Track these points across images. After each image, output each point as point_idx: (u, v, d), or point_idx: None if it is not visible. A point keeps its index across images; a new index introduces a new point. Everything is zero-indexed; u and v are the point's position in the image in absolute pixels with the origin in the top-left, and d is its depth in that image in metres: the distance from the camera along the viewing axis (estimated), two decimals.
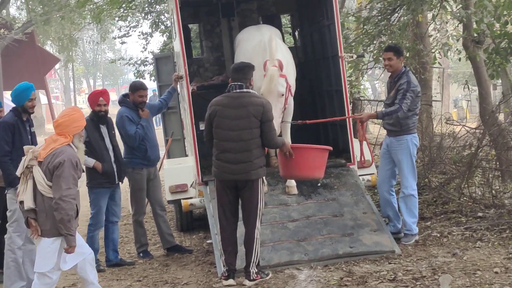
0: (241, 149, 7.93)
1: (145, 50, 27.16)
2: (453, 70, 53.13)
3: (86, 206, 14.83)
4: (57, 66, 52.98)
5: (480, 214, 10.29)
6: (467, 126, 12.89)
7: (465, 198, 11.27)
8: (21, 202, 6.98)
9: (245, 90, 8.06)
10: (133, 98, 9.78)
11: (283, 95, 9.18)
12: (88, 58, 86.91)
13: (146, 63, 27.15)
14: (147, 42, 26.98)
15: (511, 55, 12.74)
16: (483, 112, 13.01)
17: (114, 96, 56.33)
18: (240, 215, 8.23)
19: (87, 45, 79.18)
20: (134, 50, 75.32)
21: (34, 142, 8.47)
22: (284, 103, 9.26)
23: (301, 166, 8.58)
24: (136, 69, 27.60)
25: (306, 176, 8.94)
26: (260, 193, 8.08)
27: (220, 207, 8.25)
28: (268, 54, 9.33)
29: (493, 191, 11.10)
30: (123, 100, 9.88)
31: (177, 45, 11.16)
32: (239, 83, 8.06)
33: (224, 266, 8.19)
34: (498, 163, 12.02)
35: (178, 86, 10.66)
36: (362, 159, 9.73)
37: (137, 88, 9.84)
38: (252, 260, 8.00)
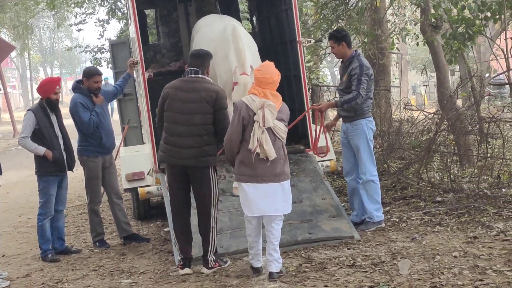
0: (191, 134, 7.72)
1: (101, 37, 26.92)
2: (411, 57, 53.55)
3: (35, 195, 14.77)
4: (13, 54, 52.30)
5: (438, 198, 10.30)
6: (425, 111, 12.87)
7: (423, 183, 11.29)
8: None
9: (200, 76, 7.88)
10: (88, 84, 9.58)
11: None
12: (45, 46, 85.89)
13: (103, 50, 26.91)
14: (104, 29, 26.73)
15: (468, 40, 12.79)
16: (441, 97, 13.05)
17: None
18: (194, 203, 8.05)
19: (44, 33, 78.26)
20: (91, 37, 74.44)
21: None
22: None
23: None
24: (93, 56, 27.34)
25: None
26: (212, 182, 7.87)
27: (171, 195, 8.08)
28: (236, 58, 9.15)
29: (451, 176, 11.13)
30: (77, 87, 9.68)
31: (133, 31, 10.97)
32: (195, 68, 7.90)
33: (179, 255, 8.05)
34: (456, 148, 12.07)
35: (134, 72, 10.47)
36: (315, 150, 9.76)
37: (92, 74, 9.64)
38: (210, 248, 7.86)
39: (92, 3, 26.32)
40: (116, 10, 26.26)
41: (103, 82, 10.06)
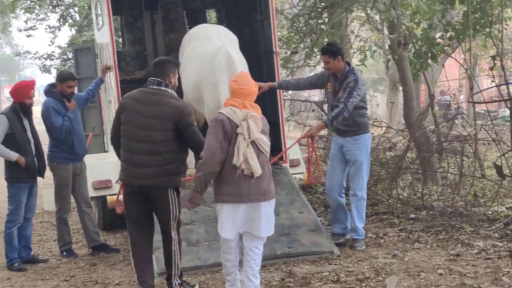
0: (151, 151, 6.90)
1: (52, 44, 26.39)
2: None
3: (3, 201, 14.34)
4: None
5: (412, 215, 10.27)
6: (393, 128, 12.89)
7: (393, 199, 11.24)
8: None
9: (163, 88, 7.05)
10: (61, 89, 9.27)
11: None
12: None
13: (52, 57, 26.41)
14: (55, 35, 26.20)
15: (431, 59, 12.91)
16: (407, 114, 13.06)
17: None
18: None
19: None
20: (33, 45, 73.24)
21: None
22: None
23: None
24: (42, 63, 26.79)
25: None
26: (172, 203, 7.05)
27: (128, 218, 7.30)
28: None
29: (420, 193, 11.14)
30: (49, 90, 9.35)
31: (103, 36, 10.71)
32: (158, 79, 7.12)
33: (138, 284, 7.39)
34: (421, 166, 12.11)
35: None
36: (311, 178, 9.14)
37: (66, 78, 9.33)
38: (173, 273, 7.18)
39: (44, 9, 25.77)
40: (68, 17, 25.82)
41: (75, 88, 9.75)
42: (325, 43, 9.81)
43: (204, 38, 9.60)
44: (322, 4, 12.89)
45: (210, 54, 9.04)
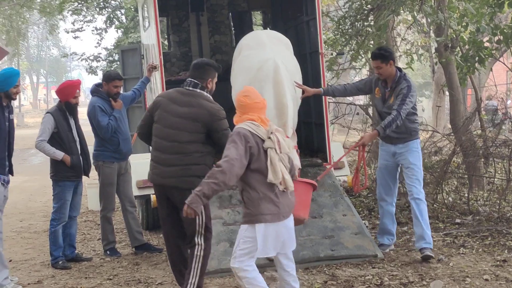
0: (176, 151, 6.81)
1: (99, 45, 26.71)
2: None
3: (41, 201, 14.54)
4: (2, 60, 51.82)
5: (458, 220, 10.13)
6: (439, 132, 12.74)
7: (438, 204, 11.11)
8: None
9: (198, 90, 6.89)
10: (107, 88, 9.33)
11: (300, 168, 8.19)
12: (32, 54, 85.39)
13: (99, 58, 26.70)
14: (102, 37, 26.51)
15: (479, 63, 12.72)
16: (454, 118, 12.91)
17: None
18: None
19: (32, 40, 77.90)
20: (80, 46, 74.09)
21: (11, 129, 8.05)
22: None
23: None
24: (88, 64, 27.10)
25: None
26: None
27: (161, 219, 7.29)
28: (275, 111, 8.18)
29: (465, 198, 11.01)
30: (96, 90, 9.43)
31: (150, 37, 10.77)
32: (195, 80, 6.93)
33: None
34: (467, 170, 11.95)
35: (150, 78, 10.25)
36: (359, 186, 8.82)
37: (112, 78, 9.39)
38: (190, 281, 6.79)
39: (91, 11, 26.08)
40: (114, 19, 26.10)
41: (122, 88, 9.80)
42: (377, 48, 9.30)
43: (255, 47, 9.14)
44: (369, 6, 12.81)
45: (259, 63, 8.61)
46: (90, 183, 12.65)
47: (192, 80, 6.95)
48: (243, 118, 6.22)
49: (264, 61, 8.54)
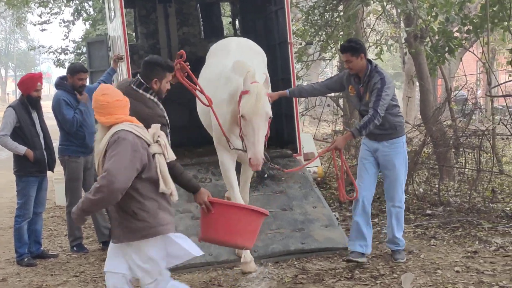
0: None
1: (66, 38, 26.38)
2: None
3: (7, 197, 14.29)
4: None
5: (428, 211, 10.10)
6: (410, 123, 12.71)
7: (408, 195, 11.05)
8: None
9: (141, 91, 6.02)
10: (72, 81, 9.16)
11: (271, 117, 7.29)
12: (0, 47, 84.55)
13: (67, 51, 26.39)
14: (69, 30, 26.19)
15: (449, 53, 12.72)
16: (424, 109, 12.89)
17: None
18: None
19: None
20: (49, 39, 73.37)
21: None
22: (268, 129, 7.32)
23: (220, 228, 6.00)
24: (56, 57, 26.78)
25: (225, 241, 6.26)
26: None
27: None
28: (238, 72, 7.56)
29: (435, 189, 10.98)
30: (60, 83, 9.25)
31: (115, 28, 10.60)
32: (141, 79, 6.06)
33: None
34: (437, 161, 11.93)
35: (117, 70, 10.08)
36: (345, 195, 7.87)
37: (77, 70, 9.22)
38: None
39: (58, 2, 25.73)
40: (82, 11, 25.80)
41: (87, 80, 9.62)
42: (347, 40, 8.59)
43: (220, 54, 8.58)
44: None
45: (219, 73, 8.06)
46: (58, 178, 12.43)
47: (139, 78, 6.19)
48: (118, 119, 5.34)
49: (222, 69, 8.04)
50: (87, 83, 9.74)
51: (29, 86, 8.85)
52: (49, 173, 9.22)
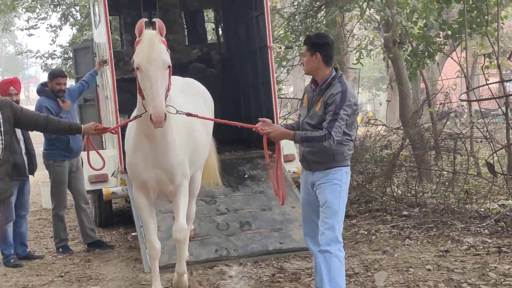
0: None
1: (53, 43, 26.44)
2: (356, 74, 54.06)
3: None
4: None
5: (405, 212, 10.38)
6: (388, 126, 12.99)
7: (387, 197, 11.34)
8: None
9: None
10: (51, 86, 9.40)
11: (169, 66, 6.33)
12: None
13: (54, 56, 26.45)
14: (56, 35, 26.26)
15: (428, 58, 12.99)
16: (403, 113, 13.16)
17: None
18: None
19: None
20: (37, 43, 73.26)
21: None
22: (169, 80, 6.34)
23: None
24: (43, 62, 26.84)
25: None
26: None
27: None
28: None
29: (414, 191, 11.25)
30: (42, 90, 9.48)
31: (100, 34, 10.81)
32: None
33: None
34: (416, 163, 12.19)
35: (103, 75, 10.32)
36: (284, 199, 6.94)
37: (56, 75, 9.45)
38: None
39: (45, 8, 25.82)
40: (69, 16, 25.88)
41: (67, 85, 9.81)
42: (315, 33, 7.77)
43: None
44: (318, 3, 12.97)
45: None
46: (44, 182, 12.64)
47: None
48: None
49: None
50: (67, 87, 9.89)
51: (3, 91, 9.03)
52: (36, 176, 9.39)
